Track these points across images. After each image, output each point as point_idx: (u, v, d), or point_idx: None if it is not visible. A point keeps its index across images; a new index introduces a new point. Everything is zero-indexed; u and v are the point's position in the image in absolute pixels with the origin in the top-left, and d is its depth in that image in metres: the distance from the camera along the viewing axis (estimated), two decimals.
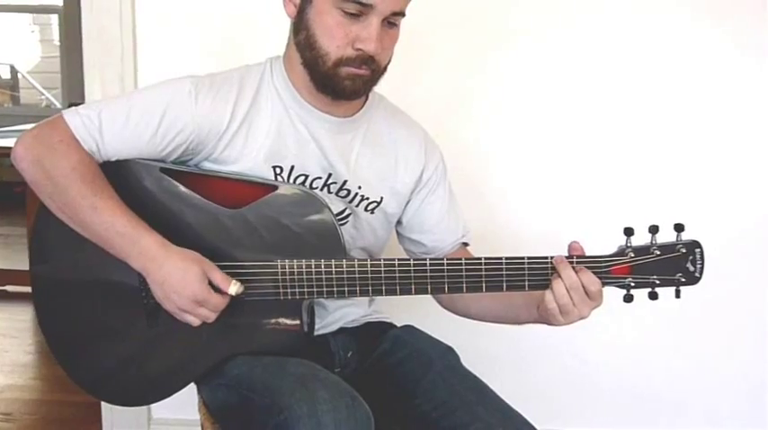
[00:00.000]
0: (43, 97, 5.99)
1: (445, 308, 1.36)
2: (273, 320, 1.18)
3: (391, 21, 1.15)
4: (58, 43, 5.80)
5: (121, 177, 1.16)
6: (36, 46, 6.12)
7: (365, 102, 1.29)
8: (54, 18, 5.80)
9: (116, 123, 1.14)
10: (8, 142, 3.44)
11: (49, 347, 1.24)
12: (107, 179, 1.14)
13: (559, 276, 1.11)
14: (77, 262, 1.20)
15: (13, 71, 5.97)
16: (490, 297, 1.19)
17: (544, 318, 1.17)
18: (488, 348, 1.81)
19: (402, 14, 1.16)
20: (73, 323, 1.23)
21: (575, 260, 1.13)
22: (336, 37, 1.13)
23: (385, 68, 1.20)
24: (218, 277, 1.11)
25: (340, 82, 1.15)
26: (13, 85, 5.99)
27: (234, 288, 1.11)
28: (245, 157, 1.19)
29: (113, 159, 1.16)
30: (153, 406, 1.98)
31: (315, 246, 1.16)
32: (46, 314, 1.25)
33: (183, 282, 1.09)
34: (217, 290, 1.11)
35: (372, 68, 1.16)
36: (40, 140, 1.13)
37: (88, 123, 1.13)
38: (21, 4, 5.75)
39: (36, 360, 2.68)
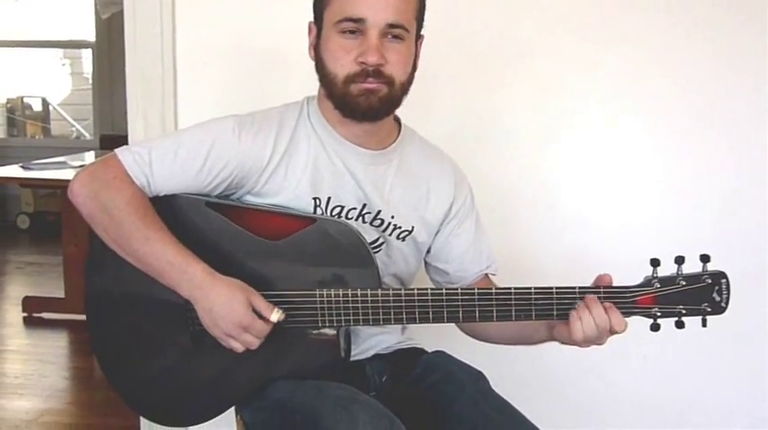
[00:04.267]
0: (74, 129, 6.11)
1: (465, 333, 1.41)
2: (313, 346, 1.23)
3: (392, 34, 1.20)
4: (89, 76, 5.96)
5: (170, 211, 1.23)
6: (67, 79, 6.25)
7: (398, 136, 1.35)
8: (85, 52, 5.97)
9: (165, 160, 1.21)
10: (40, 174, 3.47)
11: (98, 361, 1.33)
12: (157, 213, 1.21)
13: (589, 311, 1.15)
14: (129, 287, 1.27)
15: (45, 103, 6.10)
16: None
17: (560, 339, 1.22)
18: (516, 372, 1.84)
19: (401, 27, 1.20)
20: (123, 342, 1.31)
21: (602, 291, 1.18)
22: (340, 57, 1.21)
23: (404, 86, 1.24)
24: (261, 304, 1.17)
25: (353, 100, 1.21)
26: (44, 116, 6.12)
27: (276, 315, 1.17)
28: (285, 190, 1.26)
29: (162, 194, 1.23)
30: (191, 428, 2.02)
31: (351, 275, 1.21)
32: (98, 332, 1.32)
33: (229, 309, 1.15)
34: (260, 316, 1.17)
35: (384, 82, 1.20)
36: (95, 177, 1.21)
37: (139, 160, 1.21)
38: (54, 40, 5.91)
39: (73, 385, 2.70)
